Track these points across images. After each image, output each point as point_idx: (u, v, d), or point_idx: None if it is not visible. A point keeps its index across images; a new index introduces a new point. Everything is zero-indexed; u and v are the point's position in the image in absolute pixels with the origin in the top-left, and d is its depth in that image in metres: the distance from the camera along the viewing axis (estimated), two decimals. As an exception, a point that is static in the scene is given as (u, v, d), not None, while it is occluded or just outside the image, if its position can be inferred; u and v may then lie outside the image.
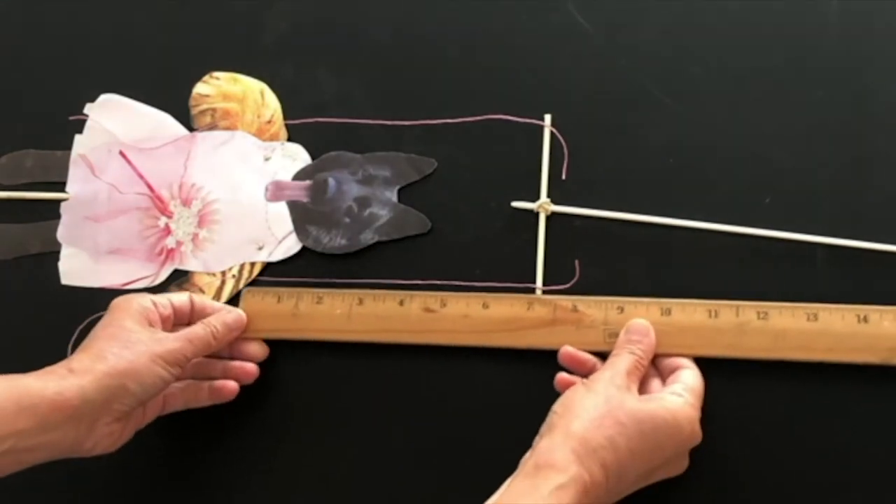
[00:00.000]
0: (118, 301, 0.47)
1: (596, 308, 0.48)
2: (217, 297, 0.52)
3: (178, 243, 0.53)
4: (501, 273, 0.50)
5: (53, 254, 0.54)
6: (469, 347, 0.49)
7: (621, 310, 0.47)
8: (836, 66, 0.51)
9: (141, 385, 0.44)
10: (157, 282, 0.53)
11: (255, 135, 0.54)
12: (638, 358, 0.45)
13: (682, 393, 0.43)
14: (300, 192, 0.53)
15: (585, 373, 0.46)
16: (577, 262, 0.50)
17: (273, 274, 0.52)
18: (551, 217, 0.50)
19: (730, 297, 0.47)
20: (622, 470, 0.40)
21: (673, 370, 0.46)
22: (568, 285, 0.49)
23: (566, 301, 0.48)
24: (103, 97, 0.56)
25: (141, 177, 0.54)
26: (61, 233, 0.54)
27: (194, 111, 0.55)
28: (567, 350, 0.47)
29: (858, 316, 0.45)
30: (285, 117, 0.54)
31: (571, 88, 0.52)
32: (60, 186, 0.55)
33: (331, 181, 0.53)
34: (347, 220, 0.52)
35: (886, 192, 0.49)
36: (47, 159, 0.55)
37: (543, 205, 0.50)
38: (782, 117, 0.50)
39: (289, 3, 0.56)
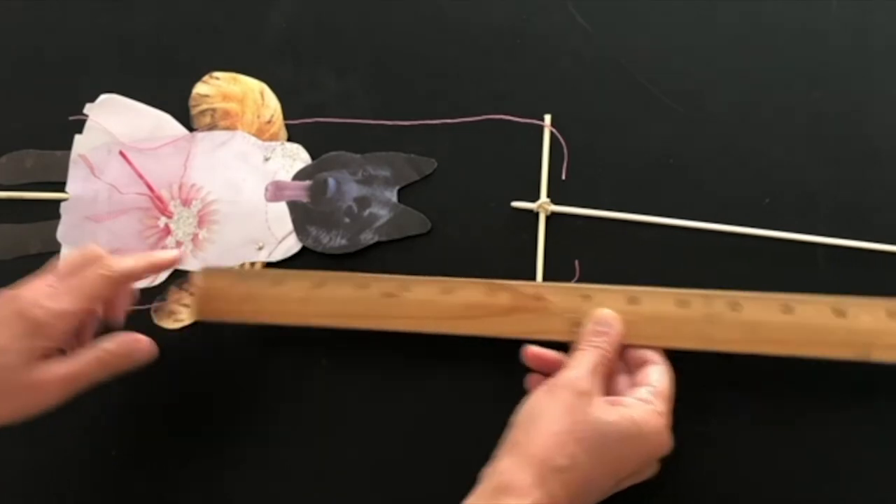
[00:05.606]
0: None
1: (560, 295, 0.45)
2: (217, 297, 0.52)
3: (178, 243, 0.53)
4: (501, 273, 0.50)
5: (53, 254, 0.54)
6: (433, 335, 0.47)
7: (587, 298, 0.45)
8: (836, 66, 0.51)
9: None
10: (157, 282, 0.53)
11: (255, 135, 0.54)
12: (604, 352, 0.42)
13: (651, 398, 0.41)
14: (300, 192, 0.53)
15: (552, 371, 0.43)
16: (576, 262, 0.50)
17: (273, 274, 0.52)
18: (551, 217, 0.50)
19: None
20: (586, 486, 0.39)
21: (641, 365, 0.43)
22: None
23: (530, 288, 0.46)
24: (103, 97, 0.56)
25: (141, 177, 0.54)
26: (61, 233, 0.54)
27: (194, 111, 0.55)
28: (531, 349, 0.44)
29: (835, 309, 0.43)
30: (285, 117, 0.54)
31: (571, 88, 0.52)
32: (60, 186, 0.55)
33: (331, 181, 0.53)
34: (347, 220, 0.52)
35: (886, 192, 0.49)
36: (47, 159, 0.55)
37: (543, 205, 0.50)
38: (782, 117, 0.50)
39: (289, 2, 0.56)
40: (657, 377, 0.42)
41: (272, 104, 0.54)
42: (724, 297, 0.44)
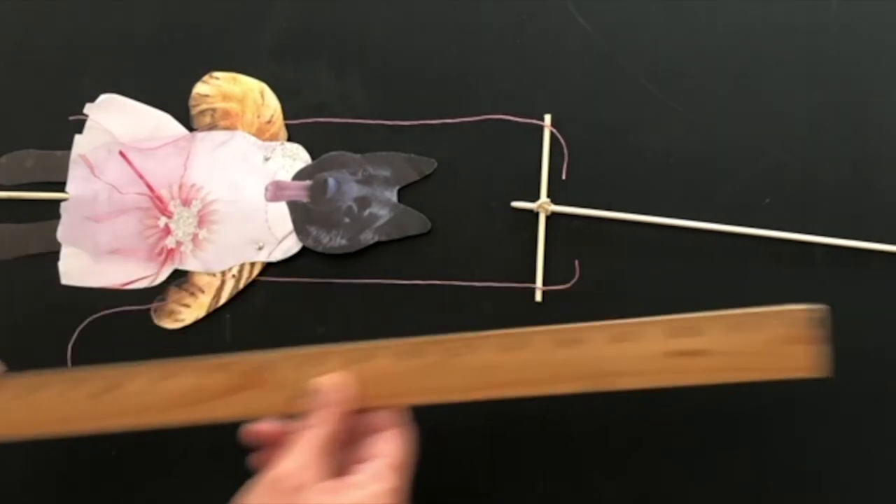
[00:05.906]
0: None
1: (282, 366, 0.41)
2: (217, 297, 0.52)
3: (178, 243, 0.53)
4: (501, 273, 0.50)
5: (53, 254, 0.54)
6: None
7: (312, 364, 0.40)
8: (836, 66, 0.51)
9: None
10: (157, 282, 0.53)
11: (255, 135, 0.54)
12: (327, 429, 0.38)
13: (382, 473, 0.37)
14: (300, 192, 0.53)
15: (280, 445, 0.39)
16: (577, 262, 0.50)
17: (273, 274, 0.52)
18: (551, 217, 0.50)
19: (728, 297, 0.46)
20: None
21: (375, 433, 0.39)
22: (568, 285, 0.49)
23: (247, 362, 0.41)
24: (103, 97, 0.56)
25: (141, 177, 0.54)
26: (61, 233, 0.54)
27: (194, 111, 0.55)
28: (249, 429, 0.40)
29: (561, 339, 0.39)
30: (285, 117, 0.54)
31: (571, 88, 0.52)
32: (60, 186, 0.55)
33: (331, 181, 0.53)
34: (347, 220, 0.52)
35: (886, 192, 0.49)
36: (47, 159, 0.55)
37: (543, 205, 0.50)
38: (782, 118, 0.50)
39: (289, 2, 0.56)
40: (391, 446, 0.39)
41: (272, 104, 0.54)
42: (445, 343, 0.40)
